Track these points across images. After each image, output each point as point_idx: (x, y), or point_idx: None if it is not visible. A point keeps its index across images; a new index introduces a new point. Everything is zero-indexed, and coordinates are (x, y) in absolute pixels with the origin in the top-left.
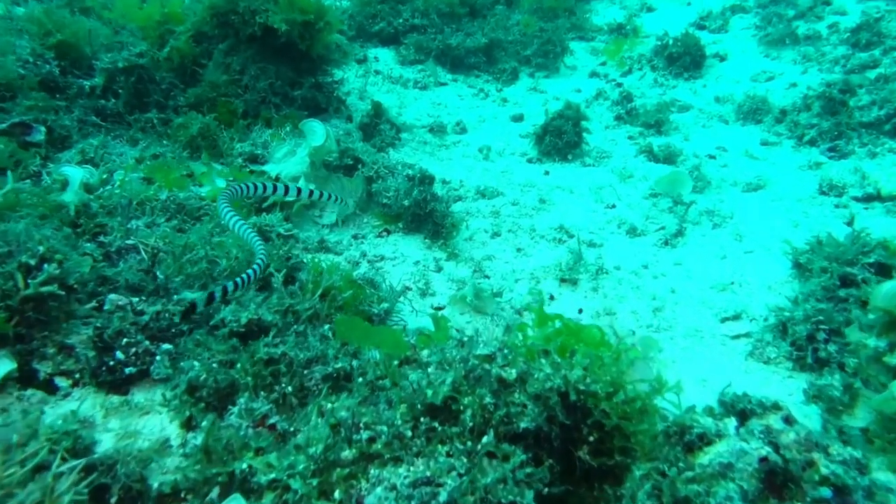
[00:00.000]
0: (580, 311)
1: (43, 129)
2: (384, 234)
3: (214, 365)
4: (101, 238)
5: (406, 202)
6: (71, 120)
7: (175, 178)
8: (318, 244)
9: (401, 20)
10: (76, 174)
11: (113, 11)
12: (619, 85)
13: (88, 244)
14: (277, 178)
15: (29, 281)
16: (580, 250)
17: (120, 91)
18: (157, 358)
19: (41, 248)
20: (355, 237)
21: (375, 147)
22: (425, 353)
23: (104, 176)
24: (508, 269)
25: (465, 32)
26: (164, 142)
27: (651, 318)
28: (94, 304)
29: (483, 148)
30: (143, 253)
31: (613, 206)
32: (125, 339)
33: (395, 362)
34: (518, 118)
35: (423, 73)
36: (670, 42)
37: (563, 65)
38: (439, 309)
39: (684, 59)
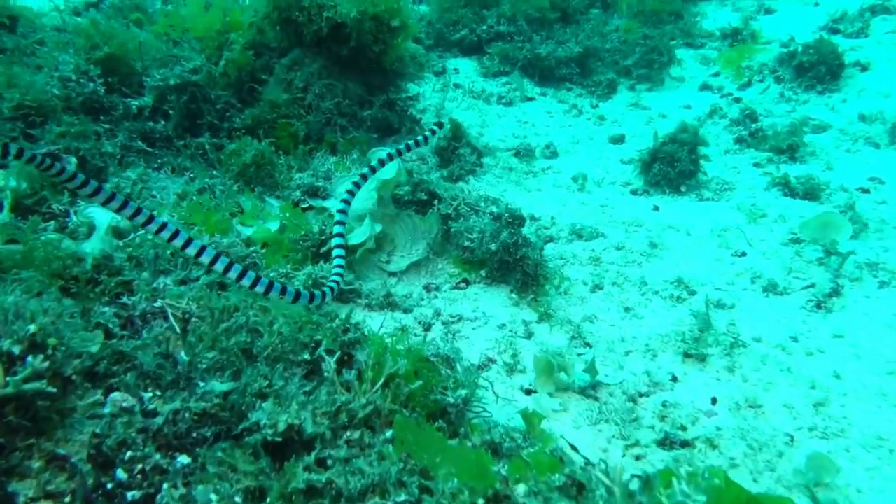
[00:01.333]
0: (714, 400)
1: (74, 160)
2: (462, 285)
3: (238, 500)
4: (125, 299)
5: (493, 246)
6: (114, 146)
7: (217, 221)
8: (383, 299)
9: (485, 27)
10: (103, 217)
11: (171, 17)
12: (738, 100)
13: (107, 308)
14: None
15: (8, 378)
16: (707, 314)
17: (171, 112)
18: (165, 487)
19: (31, 328)
20: (427, 288)
21: (454, 175)
22: (521, 489)
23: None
24: (615, 335)
25: (556, 41)
26: (215, 171)
27: (813, 417)
28: (98, 396)
29: (578, 176)
30: (171, 319)
31: (743, 255)
32: (129, 453)
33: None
34: (618, 140)
35: (509, 87)
36: (799, 49)
37: (669, 76)
38: (530, 392)
39: (818, 69)
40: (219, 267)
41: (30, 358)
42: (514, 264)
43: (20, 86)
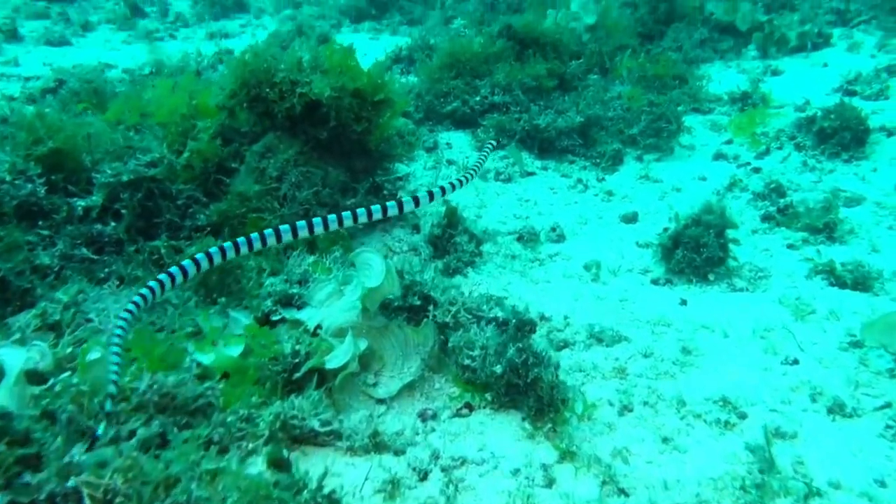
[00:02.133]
0: None
1: None
2: (465, 410)
3: None
4: (27, 478)
5: (497, 368)
6: (51, 256)
7: (162, 354)
8: (369, 440)
9: (478, 98)
10: (15, 359)
11: (127, 102)
12: (757, 170)
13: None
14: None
15: None
16: (769, 449)
17: (123, 211)
18: None
19: None
20: (423, 417)
21: (450, 268)
22: None
23: (67, 350)
24: (656, 477)
25: (555, 110)
26: None
27: None
28: None
29: (590, 264)
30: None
31: (795, 362)
32: None
33: None
34: (630, 218)
35: (506, 161)
36: (819, 114)
37: (679, 144)
38: None
39: (842, 135)
40: None
41: None
42: (524, 388)
43: None
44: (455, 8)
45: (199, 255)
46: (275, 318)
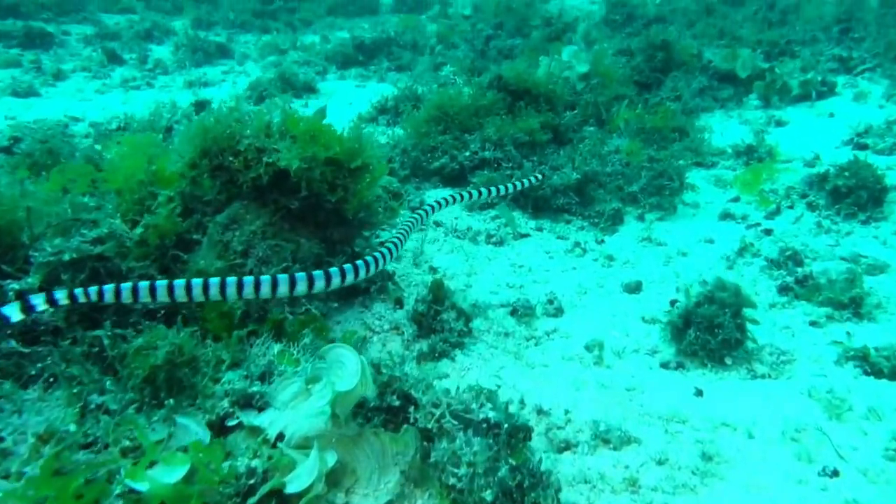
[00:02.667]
0: None
1: None
2: None
3: None
4: None
5: (488, 495)
6: None
7: (77, 489)
8: None
9: (468, 153)
10: None
11: (68, 171)
12: (768, 232)
13: None
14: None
15: None
16: None
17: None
18: None
19: None
20: None
21: (436, 351)
22: None
23: None
24: None
25: (549, 165)
26: (109, 383)
27: None
28: None
29: (592, 344)
30: None
31: (835, 474)
32: None
33: None
34: (634, 288)
35: (498, 222)
36: (831, 171)
37: (682, 202)
38: None
39: (858, 194)
40: None
41: None
42: None
43: None
44: (444, 54)
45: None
46: (231, 422)
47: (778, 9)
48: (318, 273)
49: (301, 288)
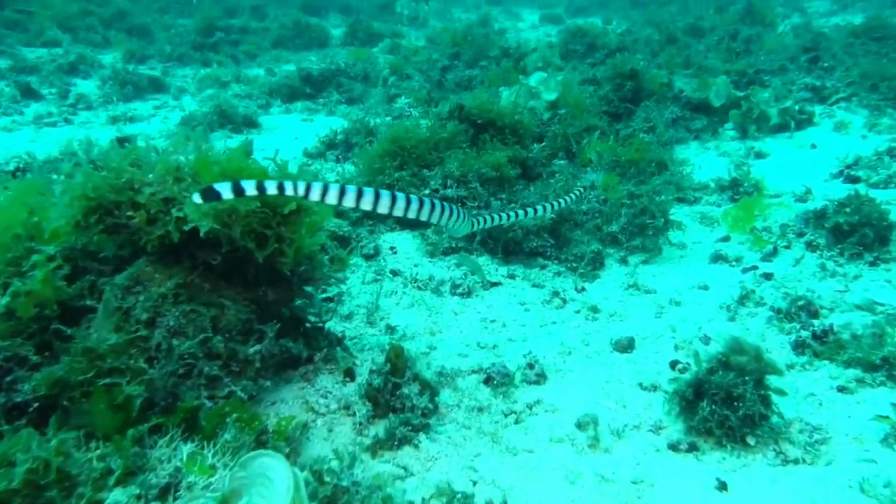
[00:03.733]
0: None
1: None
2: None
3: None
4: None
5: None
6: None
7: None
8: None
9: (427, 191)
10: None
11: None
12: (768, 276)
13: None
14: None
15: None
16: None
17: None
18: None
19: None
20: None
21: (395, 437)
22: None
23: None
24: None
25: (520, 204)
26: None
27: None
28: None
29: (584, 421)
30: None
31: None
32: None
33: None
34: (625, 346)
35: (464, 269)
36: (829, 207)
37: (668, 242)
38: None
39: (862, 232)
40: None
41: None
42: None
43: None
44: (399, 85)
45: None
46: None
47: (741, 38)
48: None
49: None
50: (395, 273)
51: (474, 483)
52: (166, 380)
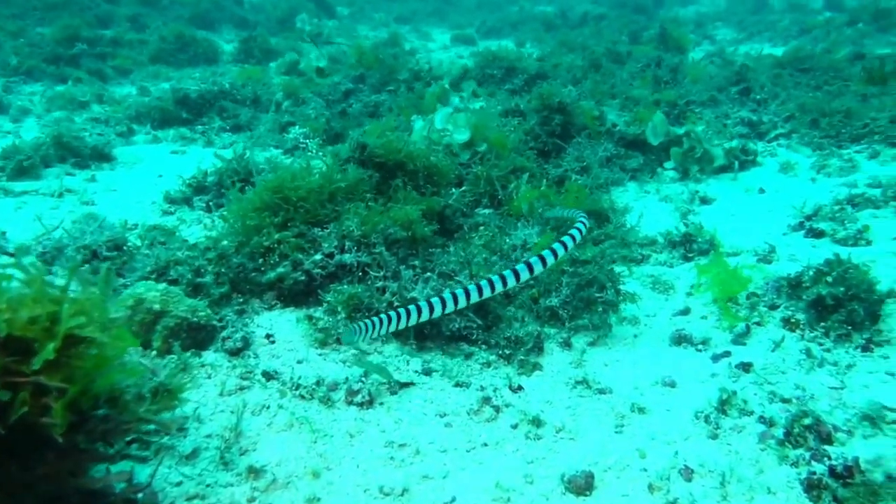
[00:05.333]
0: None
1: None
2: None
3: None
4: None
5: None
6: None
7: None
8: None
9: (318, 257)
10: None
11: None
12: (746, 368)
13: None
14: None
15: None
16: None
17: None
18: None
19: None
20: None
21: None
22: None
23: None
24: None
25: (437, 272)
26: None
27: None
28: None
29: None
30: None
31: None
32: None
33: None
34: (582, 485)
35: (360, 366)
36: (808, 276)
37: (619, 318)
38: None
39: (851, 308)
40: None
41: None
42: None
43: None
44: (293, 112)
45: None
46: None
47: (665, 66)
48: None
49: None
50: (269, 376)
51: None
52: None
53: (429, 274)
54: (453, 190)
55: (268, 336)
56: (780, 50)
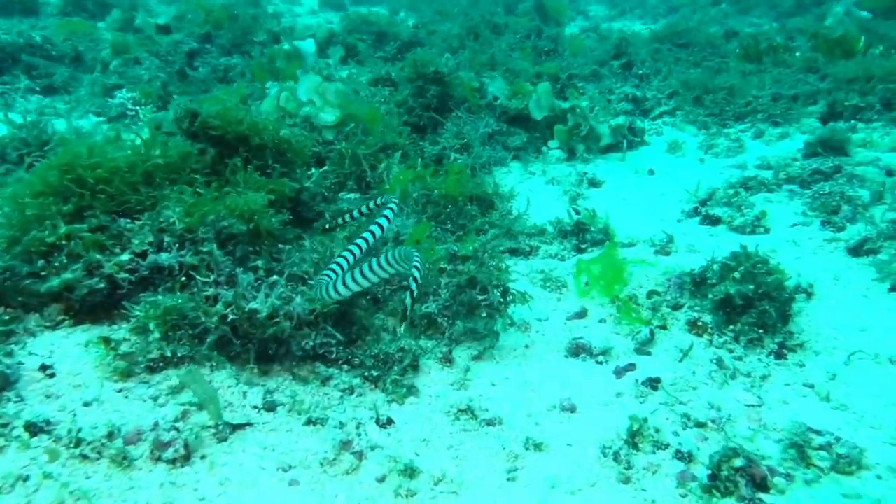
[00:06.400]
0: None
1: None
2: None
3: None
4: None
5: None
6: None
7: None
8: None
9: (125, 258)
10: None
11: None
12: (654, 385)
13: None
14: None
15: None
16: None
17: None
18: None
19: None
20: None
21: None
22: None
23: None
24: None
25: (287, 274)
26: None
27: None
28: None
29: None
30: None
31: None
32: None
33: None
34: None
35: (185, 402)
36: (712, 271)
37: (507, 322)
38: None
39: (762, 309)
40: None
41: None
42: None
43: None
44: (123, 73)
45: None
46: None
47: (546, 37)
48: None
49: None
50: (34, 429)
51: None
52: None
53: (275, 278)
54: (312, 170)
55: (43, 367)
56: (650, 28)
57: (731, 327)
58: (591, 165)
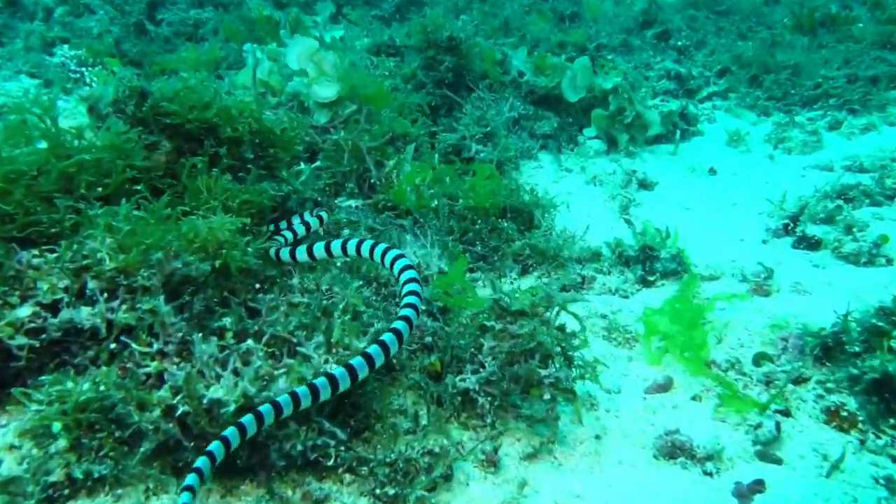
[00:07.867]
0: None
1: None
2: None
3: None
4: None
5: None
6: None
7: None
8: None
9: (14, 319)
10: None
11: None
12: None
13: None
14: None
15: None
16: None
17: None
18: None
19: None
20: None
21: None
22: None
23: None
24: None
25: (269, 335)
26: None
27: None
28: None
29: None
30: None
31: None
32: None
33: None
34: None
35: None
36: (853, 332)
37: (570, 418)
38: None
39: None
40: None
41: None
42: None
43: None
44: (69, 24)
45: None
46: None
47: None
48: None
49: None
50: None
51: None
52: None
53: (250, 344)
54: (302, 165)
55: None
56: None
57: (894, 421)
58: (637, 160)
